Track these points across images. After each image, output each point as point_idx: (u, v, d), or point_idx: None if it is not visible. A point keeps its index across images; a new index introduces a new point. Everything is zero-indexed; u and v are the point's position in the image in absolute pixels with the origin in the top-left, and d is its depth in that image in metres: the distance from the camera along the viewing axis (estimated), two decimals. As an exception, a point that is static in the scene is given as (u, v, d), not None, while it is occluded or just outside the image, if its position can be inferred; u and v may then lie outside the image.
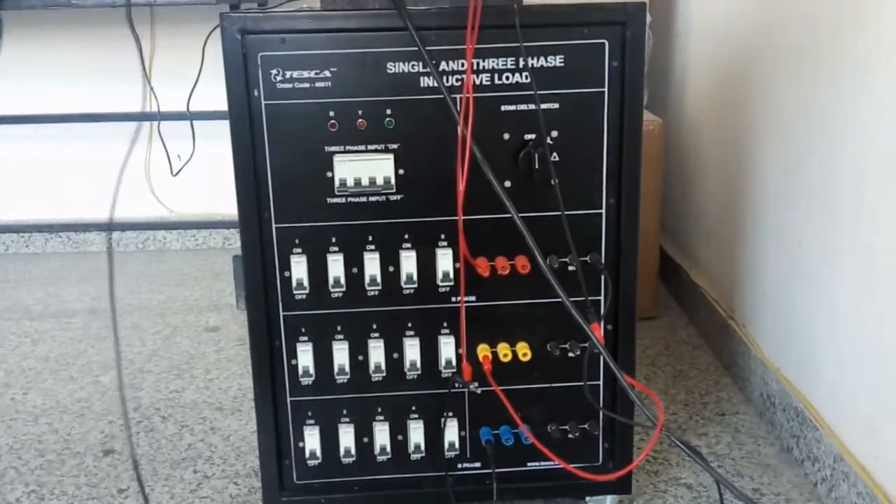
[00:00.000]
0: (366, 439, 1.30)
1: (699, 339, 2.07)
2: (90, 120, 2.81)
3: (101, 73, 2.80)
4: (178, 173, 1.85)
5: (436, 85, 1.16)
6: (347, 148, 1.19)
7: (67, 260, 2.84)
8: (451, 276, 1.24)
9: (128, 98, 2.74)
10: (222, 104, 1.17)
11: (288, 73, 1.16)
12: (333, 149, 1.19)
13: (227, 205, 1.14)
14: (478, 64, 1.17)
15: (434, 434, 1.30)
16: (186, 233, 2.94)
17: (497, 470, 1.30)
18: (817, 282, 1.47)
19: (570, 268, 1.23)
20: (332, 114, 1.18)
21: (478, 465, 1.33)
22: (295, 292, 1.24)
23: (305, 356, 1.26)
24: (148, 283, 2.61)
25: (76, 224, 2.92)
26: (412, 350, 1.27)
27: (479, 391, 1.27)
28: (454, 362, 1.27)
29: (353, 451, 1.30)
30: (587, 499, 1.38)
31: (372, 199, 1.21)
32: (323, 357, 1.26)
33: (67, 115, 2.81)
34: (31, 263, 2.82)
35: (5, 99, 2.83)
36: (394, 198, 1.21)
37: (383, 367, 1.27)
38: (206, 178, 2.65)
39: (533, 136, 1.19)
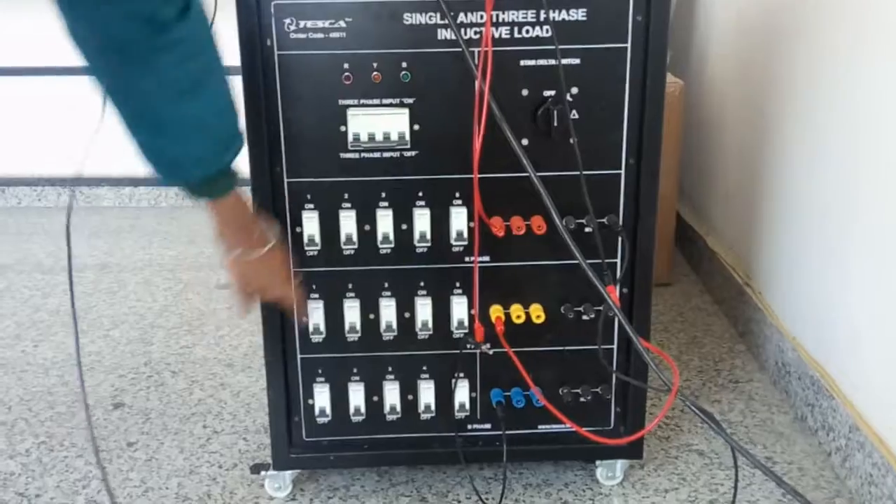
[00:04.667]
0: (376, 398, 1.29)
1: (714, 305, 2.04)
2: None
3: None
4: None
5: (454, 38, 1.12)
6: (362, 101, 1.16)
7: (79, 214, 2.84)
8: (465, 235, 1.22)
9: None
10: (234, 56, 1.14)
11: (302, 23, 1.13)
12: (347, 102, 1.16)
13: (239, 160, 1.13)
14: (497, 16, 1.13)
15: (444, 394, 1.29)
16: (199, 189, 2.92)
17: (507, 432, 1.28)
18: (837, 251, 1.44)
19: (587, 229, 1.20)
20: (346, 66, 1.15)
21: (488, 426, 1.32)
22: (306, 248, 1.22)
23: (316, 314, 1.25)
24: (160, 239, 2.60)
25: (88, 179, 2.91)
26: (424, 309, 1.25)
27: (491, 352, 1.25)
28: (466, 323, 1.26)
29: (362, 410, 1.29)
30: (597, 463, 1.37)
31: (386, 154, 1.19)
32: (334, 315, 1.25)
33: (79, 67, 2.77)
34: (43, 217, 2.81)
35: (20, 51, 2.80)
36: (408, 154, 1.18)
37: (394, 326, 1.26)
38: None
39: (552, 93, 1.16)
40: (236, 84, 1.14)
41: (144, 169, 1.03)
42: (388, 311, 1.25)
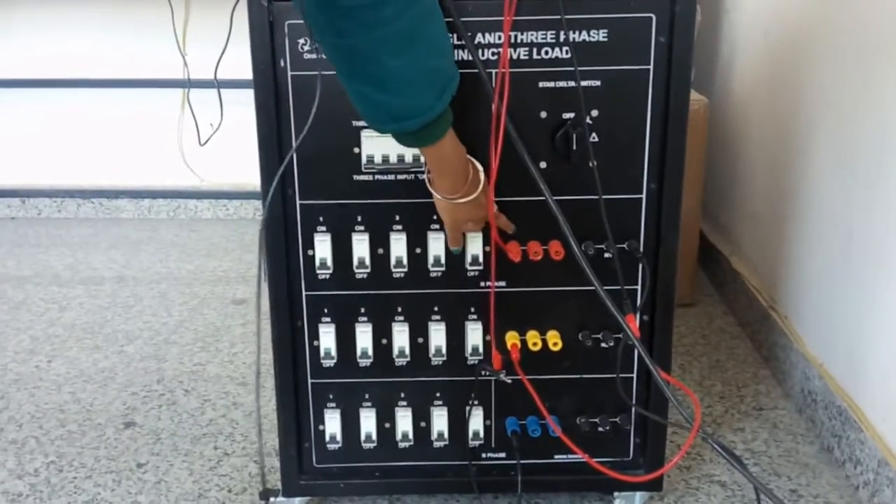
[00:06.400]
0: (387, 425, 1.26)
1: (738, 328, 1.99)
2: (123, 86, 2.79)
3: (135, 39, 2.77)
4: (206, 143, 1.81)
5: (471, 58, 1.09)
6: (376, 123, 1.13)
7: (98, 226, 2.84)
8: (481, 259, 1.19)
9: (164, 64, 2.70)
10: (248, 75, 1.12)
11: (316, 43, 1.11)
12: (361, 124, 1.13)
13: (257, 175, 1.12)
14: (515, 37, 1.11)
15: (458, 422, 1.26)
16: (218, 202, 2.92)
17: (522, 461, 1.25)
18: (868, 277, 1.40)
19: (607, 255, 1.17)
20: (360, 87, 1.12)
21: (502, 455, 1.28)
22: (318, 272, 1.19)
23: (328, 338, 1.22)
24: (178, 252, 2.59)
25: (108, 190, 2.91)
26: (438, 335, 1.22)
27: (508, 380, 1.21)
28: (481, 349, 1.22)
29: (374, 437, 1.26)
30: (616, 494, 1.33)
31: (400, 177, 1.16)
32: (346, 339, 1.22)
33: (101, 80, 2.79)
34: (62, 229, 2.81)
35: (38, 63, 2.81)
36: (423, 176, 1.15)
37: (407, 351, 1.23)
38: (237, 148, 2.61)
39: (572, 115, 1.13)
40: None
41: (165, 180, 1.01)
42: (401, 336, 1.22)
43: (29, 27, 2.79)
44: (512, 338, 1.21)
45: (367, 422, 1.26)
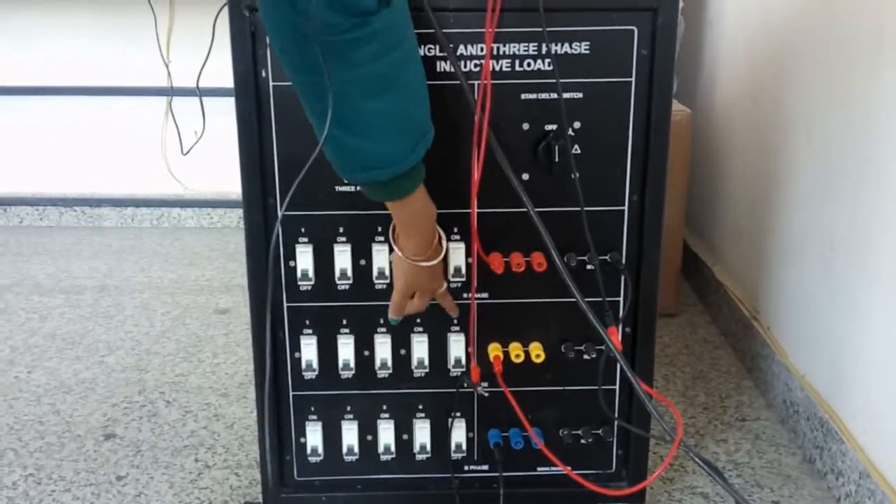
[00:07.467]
0: (370, 437, 1.26)
1: (721, 338, 2.00)
2: (106, 93, 2.78)
3: (118, 47, 2.76)
4: (188, 152, 1.80)
5: (452, 70, 1.09)
6: (358, 134, 1.13)
7: (81, 234, 2.81)
8: (463, 271, 1.18)
9: (147, 72, 2.69)
10: (229, 86, 1.11)
11: (298, 54, 1.10)
12: (343, 134, 1.13)
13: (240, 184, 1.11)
14: (497, 49, 1.11)
15: (441, 434, 1.25)
16: (201, 211, 2.90)
17: (505, 474, 1.25)
18: (849, 288, 1.40)
19: (589, 267, 1.17)
20: (342, 98, 1.11)
21: (485, 467, 1.28)
22: (300, 283, 1.19)
23: (309, 349, 1.21)
24: (161, 260, 2.57)
25: (91, 198, 2.89)
26: (420, 347, 1.22)
27: (486, 394, 1.21)
28: (463, 361, 1.22)
29: (356, 449, 1.26)
30: (598, 506, 1.33)
31: (382, 188, 1.15)
32: (327, 351, 1.22)
33: (84, 87, 2.77)
34: (44, 237, 2.79)
35: (23, 70, 2.79)
36: (406, 188, 1.15)
37: (389, 363, 1.22)
38: (220, 156, 2.60)
39: (554, 127, 1.13)
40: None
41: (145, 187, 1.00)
42: (383, 347, 1.22)
43: (9, 35, 2.77)
44: (494, 350, 1.21)
45: (349, 434, 1.25)
